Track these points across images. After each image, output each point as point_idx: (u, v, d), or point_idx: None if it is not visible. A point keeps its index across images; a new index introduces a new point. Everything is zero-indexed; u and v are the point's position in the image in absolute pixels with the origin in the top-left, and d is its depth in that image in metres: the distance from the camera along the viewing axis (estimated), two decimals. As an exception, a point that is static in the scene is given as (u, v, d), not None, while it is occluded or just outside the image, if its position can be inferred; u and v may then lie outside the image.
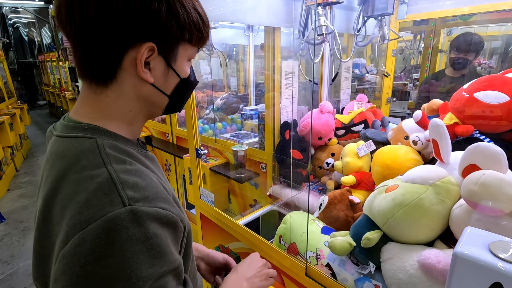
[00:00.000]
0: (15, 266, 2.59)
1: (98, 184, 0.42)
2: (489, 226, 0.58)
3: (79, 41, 0.47)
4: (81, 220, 0.40)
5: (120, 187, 0.42)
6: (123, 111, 0.52)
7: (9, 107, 5.54)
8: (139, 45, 0.47)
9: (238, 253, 1.26)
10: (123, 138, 0.52)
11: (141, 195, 0.43)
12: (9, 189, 4.19)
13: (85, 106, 0.52)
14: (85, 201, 0.41)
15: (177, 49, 0.52)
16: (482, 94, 0.87)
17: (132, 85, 0.51)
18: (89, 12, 0.44)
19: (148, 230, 0.42)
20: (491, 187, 0.57)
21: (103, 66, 0.48)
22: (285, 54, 1.61)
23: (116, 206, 0.41)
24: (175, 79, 0.55)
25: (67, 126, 0.51)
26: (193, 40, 0.53)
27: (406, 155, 1.03)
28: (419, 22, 2.87)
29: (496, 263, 0.43)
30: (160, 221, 0.44)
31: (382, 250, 0.76)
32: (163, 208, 0.45)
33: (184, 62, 0.55)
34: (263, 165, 1.76)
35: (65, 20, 0.46)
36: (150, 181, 0.47)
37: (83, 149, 0.46)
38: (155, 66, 0.51)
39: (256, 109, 2.50)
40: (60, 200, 0.44)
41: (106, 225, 0.40)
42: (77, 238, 0.40)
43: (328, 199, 1.04)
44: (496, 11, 1.67)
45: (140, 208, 0.42)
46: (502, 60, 2.88)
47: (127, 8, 0.45)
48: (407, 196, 0.71)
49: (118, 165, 0.46)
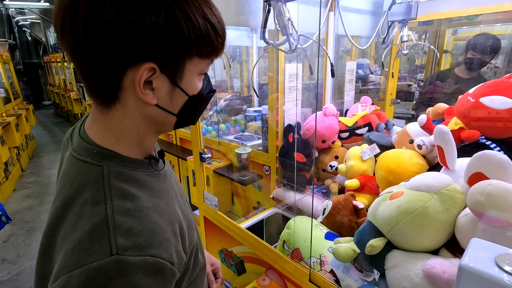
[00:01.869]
0: (21, 266, 2.63)
1: (93, 225, 0.43)
2: (495, 237, 0.58)
3: (76, 62, 0.45)
4: (70, 262, 0.41)
5: (112, 233, 0.42)
6: (131, 131, 0.51)
7: (15, 108, 5.60)
8: (138, 65, 0.43)
9: (241, 257, 1.26)
10: (133, 160, 0.51)
11: (131, 243, 0.43)
12: (15, 189, 4.24)
13: (96, 124, 0.51)
14: (78, 241, 0.42)
15: (183, 66, 0.47)
16: (488, 99, 0.86)
17: (136, 106, 0.48)
18: (79, 35, 0.41)
19: (130, 281, 0.41)
20: (497, 198, 0.56)
21: (103, 87, 0.46)
22: (289, 56, 1.61)
23: (104, 254, 0.41)
24: (183, 97, 0.50)
25: (80, 145, 0.50)
26: (203, 54, 0.48)
27: (411, 159, 1.02)
28: (423, 22, 2.84)
29: (503, 277, 0.43)
30: (147, 271, 0.43)
31: (387, 258, 0.75)
32: (153, 255, 0.44)
33: (193, 78, 0.50)
34: (267, 168, 1.76)
35: (62, 44, 0.45)
36: (147, 223, 0.46)
37: (89, 179, 0.46)
38: (159, 85, 0.47)
39: (259, 110, 2.50)
40: (64, 229, 0.45)
41: (89, 274, 0.40)
42: (63, 279, 0.40)
43: (332, 204, 1.04)
44: (502, 12, 1.65)
45: (127, 259, 0.41)
46: (508, 60, 2.84)
47: (120, 21, 0.40)
48: (412, 204, 0.70)
49: (119, 201, 0.45)
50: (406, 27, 1.51)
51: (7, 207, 3.68)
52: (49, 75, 10.58)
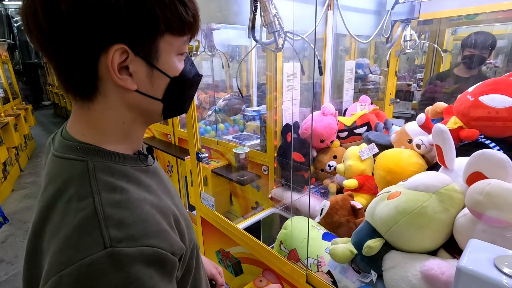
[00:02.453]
0: (19, 267, 2.61)
1: (80, 219, 0.40)
2: (494, 238, 0.56)
3: (48, 56, 0.43)
4: (59, 261, 0.38)
5: (104, 225, 0.39)
6: (116, 123, 0.48)
7: (13, 108, 5.59)
8: (107, 49, 0.42)
9: (238, 257, 1.25)
10: (120, 155, 0.49)
11: (125, 234, 0.40)
12: (13, 189, 4.23)
13: (78, 122, 0.49)
14: (65, 238, 0.39)
15: (157, 45, 0.45)
16: (488, 98, 0.85)
17: (117, 95, 0.46)
18: (43, 29, 0.40)
19: (129, 275, 0.38)
20: (497, 197, 0.55)
21: (80, 79, 0.44)
22: (288, 55, 1.60)
23: (96, 247, 0.38)
24: (164, 79, 0.48)
25: (62, 144, 0.48)
26: (175, 29, 0.46)
27: (410, 159, 1.01)
28: (423, 21, 2.83)
29: (501, 279, 0.42)
30: (145, 261, 0.40)
31: (384, 259, 0.74)
32: (150, 246, 0.41)
33: (171, 58, 0.48)
34: (265, 168, 1.75)
35: (32, 43, 0.43)
36: (139, 214, 0.43)
37: (72, 175, 0.44)
38: (135, 69, 0.45)
39: (258, 110, 2.49)
40: (49, 230, 0.42)
41: (83, 270, 0.37)
42: (54, 280, 0.37)
43: (330, 204, 1.03)
44: (502, 11, 1.64)
45: (122, 251, 0.38)
46: (508, 60, 2.83)
47: (77, 8, 0.39)
48: (410, 204, 0.69)
49: (106, 194, 0.42)
50: (409, 27, 1.50)
51: (6, 207, 3.67)
52: (49, 75, 10.59)
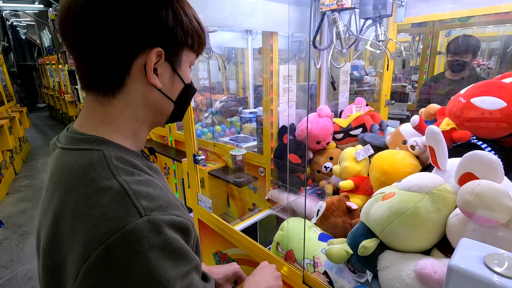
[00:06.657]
0: (14, 271, 2.58)
1: (111, 196, 0.43)
2: (484, 237, 0.58)
3: (87, 50, 0.48)
4: (99, 234, 0.41)
5: (134, 198, 0.43)
6: (130, 120, 0.53)
7: (8, 111, 5.55)
8: (148, 51, 0.49)
9: (236, 259, 1.25)
10: (128, 150, 0.53)
11: (155, 205, 0.45)
12: (8, 192, 4.18)
13: (92, 118, 0.52)
14: (100, 215, 0.42)
15: (181, 55, 0.54)
16: (479, 100, 0.86)
17: (140, 92, 0.52)
18: (100, 20, 0.45)
19: (167, 237, 0.44)
20: (486, 197, 0.56)
21: (112, 74, 0.49)
22: (284, 57, 1.61)
23: (133, 217, 0.42)
24: (180, 84, 0.57)
25: (72, 138, 0.51)
26: (195, 46, 0.56)
27: (404, 160, 1.02)
28: (417, 24, 2.87)
29: (491, 277, 0.43)
30: (175, 227, 0.46)
31: (379, 259, 0.75)
32: (177, 215, 0.47)
33: (187, 68, 0.57)
34: (262, 169, 1.76)
35: (72, 30, 0.47)
36: (160, 191, 0.49)
37: (91, 161, 0.46)
38: (162, 71, 0.53)
39: (255, 112, 2.51)
40: (70, 214, 0.44)
41: (126, 237, 0.40)
42: (99, 252, 0.40)
43: (326, 206, 1.04)
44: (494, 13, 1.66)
45: (157, 217, 0.43)
46: (501, 61, 2.87)
47: (137, 17, 0.47)
48: (403, 204, 0.70)
49: (127, 177, 0.46)
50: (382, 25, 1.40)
51: (0, 211, 3.63)
52: (44, 77, 10.49)
